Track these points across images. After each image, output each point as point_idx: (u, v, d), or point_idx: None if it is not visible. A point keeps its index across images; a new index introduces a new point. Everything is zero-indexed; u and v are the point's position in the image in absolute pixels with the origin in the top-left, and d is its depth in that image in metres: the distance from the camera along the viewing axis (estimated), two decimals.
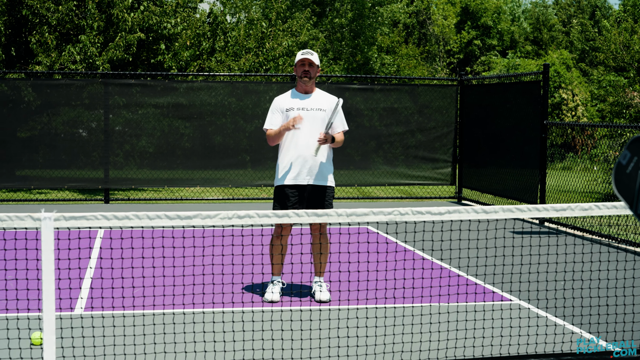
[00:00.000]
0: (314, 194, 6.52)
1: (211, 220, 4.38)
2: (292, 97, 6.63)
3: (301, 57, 6.52)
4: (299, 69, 6.56)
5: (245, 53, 17.73)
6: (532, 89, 11.95)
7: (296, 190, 6.49)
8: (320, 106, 6.56)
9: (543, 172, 11.53)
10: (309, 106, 6.53)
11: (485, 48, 43.62)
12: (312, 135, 6.44)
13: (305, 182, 6.48)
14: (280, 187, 6.52)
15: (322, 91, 6.75)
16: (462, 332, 5.40)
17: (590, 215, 4.84)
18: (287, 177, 6.49)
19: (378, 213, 4.59)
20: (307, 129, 6.46)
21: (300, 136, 6.46)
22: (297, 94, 6.64)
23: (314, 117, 6.49)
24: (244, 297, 6.43)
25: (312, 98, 6.59)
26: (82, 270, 7.27)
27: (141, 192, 14.95)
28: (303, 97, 6.60)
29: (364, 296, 6.17)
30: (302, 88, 6.61)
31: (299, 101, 6.57)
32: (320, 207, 6.43)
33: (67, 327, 5.26)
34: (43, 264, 4.22)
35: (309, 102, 6.56)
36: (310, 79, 6.54)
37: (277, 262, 6.56)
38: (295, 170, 6.47)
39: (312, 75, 6.53)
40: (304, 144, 6.44)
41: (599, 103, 29.30)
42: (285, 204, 6.46)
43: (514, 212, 4.84)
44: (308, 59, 6.51)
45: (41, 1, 14.68)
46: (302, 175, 6.47)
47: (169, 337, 5.20)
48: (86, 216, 4.34)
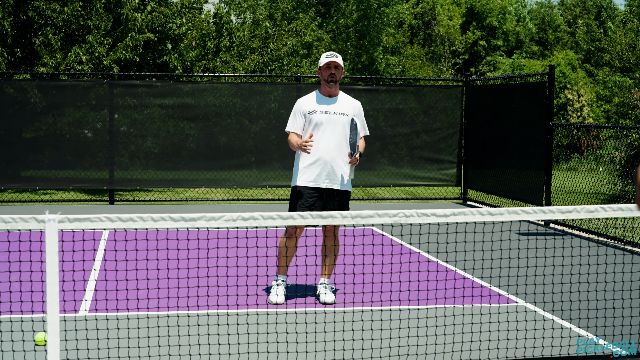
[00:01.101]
0: (332, 197, 6.52)
1: (216, 222, 4.37)
2: (316, 99, 6.61)
3: (327, 60, 6.48)
4: (325, 72, 6.52)
5: (250, 53, 17.73)
6: (538, 90, 11.92)
7: (315, 192, 6.48)
8: (343, 110, 6.55)
9: (549, 173, 11.49)
10: (333, 110, 6.53)
11: (490, 48, 43.57)
12: (333, 139, 6.44)
13: (324, 186, 6.47)
14: (299, 187, 6.52)
15: (345, 94, 6.74)
16: (467, 335, 5.37)
17: (596, 217, 4.81)
18: (306, 179, 6.48)
19: (383, 215, 4.57)
20: (329, 133, 6.46)
21: (322, 140, 6.45)
22: (321, 96, 6.62)
23: (336, 122, 6.48)
24: (249, 299, 6.41)
25: (336, 102, 6.58)
26: (86, 271, 7.26)
27: (146, 193, 14.95)
28: (327, 100, 6.58)
29: (369, 298, 6.15)
30: (327, 91, 6.59)
31: (323, 105, 6.56)
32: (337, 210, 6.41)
33: (72, 330, 5.25)
34: (47, 266, 4.21)
35: (333, 106, 6.55)
36: (336, 82, 6.53)
37: (284, 263, 6.54)
38: (315, 173, 6.45)
39: (337, 78, 6.52)
40: (325, 148, 6.44)
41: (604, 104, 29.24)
42: (303, 204, 6.44)
43: (519, 214, 4.82)
44: (335, 61, 6.48)
45: (47, 2, 14.70)
46: (322, 178, 6.46)
47: (174, 340, 5.18)
48: (90, 218, 4.33)
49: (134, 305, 5.79)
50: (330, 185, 6.46)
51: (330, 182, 6.45)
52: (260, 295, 6.63)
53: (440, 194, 15.43)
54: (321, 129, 6.46)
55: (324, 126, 6.46)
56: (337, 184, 6.47)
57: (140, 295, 6.03)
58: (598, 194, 16.28)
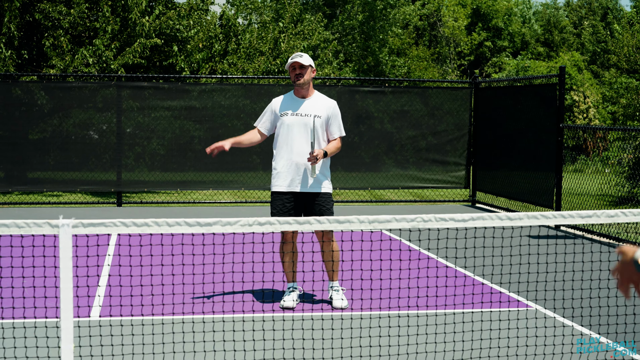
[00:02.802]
0: (310, 201, 6.39)
1: (232, 227, 4.30)
2: (288, 101, 6.54)
3: (290, 62, 6.40)
4: (291, 74, 6.45)
5: (259, 55, 17.69)
6: (548, 92, 11.85)
7: (291, 196, 6.38)
8: (315, 112, 6.42)
9: (559, 175, 11.42)
10: (303, 112, 6.42)
11: (496, 50, 43.49)
12: (305, 142, 6.34)
13: (299, 190, 6.36)
14: (275, 193, 6.43)
15: (321, 95, 6.61)
16: (486, 342, 5.31)
17: (616, 222, 4.74)
18: (282, 184, 6.39)
19: (401, 220, 4.50)
20: (300, 136, 6.35)
21: (294, 142, 6.36)
22: (293, 98, 6.54)
23: (307, 124, 6.36)
24: (262, 304, 6.35)
25: (307, 103, 6.47)
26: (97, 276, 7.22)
27: (153, 195, 14.90)
28: (298, 101, 6.49)
29: (384, 303, 6.09)
30: (298, 92, 6.51)
31: (294, 106, 6.48)
32: (318, 214, 6.28)
33: (85, 335, 5.20)
34: (61, 271, 4.15)
35: (303, 108, 6.44)
36: (303, 82, 6.42)
37: (289, 270, 6.47)
38: (289, 177, 6.36)
39: (305, 77, 6.41)
40: (297, 151, 6.34)
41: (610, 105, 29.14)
42: (281, 210, 6.34)
43: (539, 219, 4.74)
44: (297, 62, 6.37)
45: (53, 5, 14.66)
46: (296, 182, 6.36)
47: (188, 345, 5.13)
48: (105, 223, 4.27)
49: (145, 310, 5.74)
50: (304, 189, 6.34)
51: (305, 185, 6.34)
52: (274, 300, 6.56)
53: (448, 196, 15.35)
54: (292, 131, 6.37)
55: (295, 129, 6.37)
56: (313, 187, 6.35)
57: (154, 300, 5.97)
58: (605, 196, 16.20)
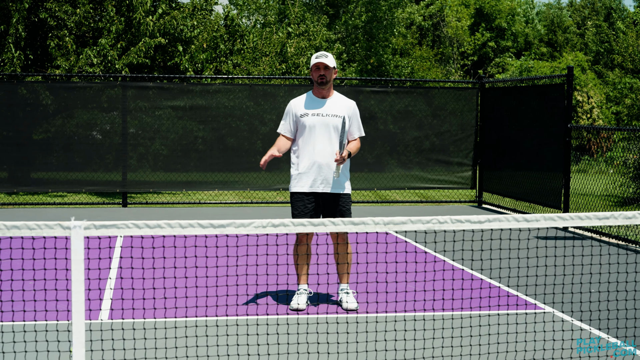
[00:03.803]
0: (330, 202, 6.39)
1: (245, 229, 4.25)
2: (307, 101, 6.47)
3: (316, 62, 6.34)
4: (315, 74, 6.39)
5: (263, 57, 17.64)
6: (554, 92, 11.79)
7: (312, 197, 6.37)
8: (336, 112, 6.39)
9: (567, 175, 11.36)
10: (324, 112, 6.38)
11: (499, 50, 43.41)
12: (327, 142, 6.32)
13: (321, 190, 6.35)
14: (296, 193, 6.41)
15: (340, 95, 6.58)
16: (503, 345, 5.25)
17: (634, 224, 4.69)
18: (303, 184, 6.37)
19: (416, 221, 4.44)
20: (322, 136, 6.33)
21: (316, 143, 6.33)
22: (313, 98, 6.49)
23: (329, 124, 6.34)
24: (276, 306, 6.30)
25: (328, 103, 6.43)
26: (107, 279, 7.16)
27: (158, 195, 14.85)
28: (319, 102, 6.44)
29: (393, 305, 6.04)
30: (319, 92, 6.46)
31: (314, 107, 6.42)
32: (337, 215, 6.28)
33: (97, 339, 5.15)
34: (73, 273, 4.10)
35: (324, 108, 6.41)
36: (327, 83, 6.38)
37: (303, 271, 6.44)
38: (311, 178, 6.34)
39: (328, 79, 6.37)
40: (320, 152, 6.32)
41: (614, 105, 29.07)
42: (303, 212, 6.33)
43: (555, 221, 4.68)
44: (322, 62, 6.32)
45: (59, 4, 14.62)
46: (317, 183, 6.35)
47: (202, 350, 5.08)
48: (117, 224, 4.21)
49: (158, 313, 5.69)
50: (326, 189, 6.33)
51: (326, 186, 6.33)
52: (282, 301, 6.51)
53: (454, 197, 15.29)
54: (314, 132, 6.34)
55: (316, 129, 6.34)
56: (335, 188, 6.35)
57: (163, 303, 5.92)
58: (610, 196, 16.14)
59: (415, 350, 5.11)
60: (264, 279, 6.86)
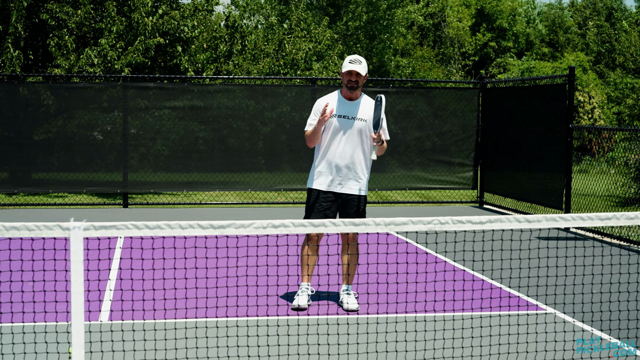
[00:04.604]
0: (346, 202, 6.48)
1: (245, 230, 4.22)
2: (336, 101, 6.51)
3: (350, 68, 6.36)
4: (346, 78, 6.43)
5: (264, 57, 17.62)
6: (556, 92, 11.76)
7: (329, 195, 6.46)
8: (362, 116, 6.46)
9: (569, 176, 11.33)
10: (351, 115, 6.45)
11: (500, 50, 43.37)
12: (349, 145, 6.40)
13: (338, 190, 6.44)
14: (314, 190, 6.50)
15: (367, 97, 6.62)
16: (504, 346, 5.22)
17: (636, 224, 4.66)
18: (321, 182, 6.48)
19: (417, 222, 4.42)
20: (344, 138, 6.41)
21: (338, 145, 6.42)
22: (341, 99, 6.53)
23: (354, 127, 6.42)
24: (276, 308, 6.28)
25: (356, 106, 6.48)
26: (106, 280, 7.15)
27: (158, 196, 14.82)
28: (347, 104, 6.49)
29: (393, 306, 6.01)
30: (347, 94, 6.50)
31: (342, 108, 6.47)
32: (353, 216, 6.36)
33: (97, 341, 5.13)
34: (72, 274, 4.08)
35: (352, 111, 6.46)
36: (357, 88, 6.44)
37: (308, 270, 6.49)
38: (330, 177, 6.45)
39: (359, 85, 6.42)
40: (340, 154, 6.41)
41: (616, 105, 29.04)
42: (318, 208, 6.42)
43: (557, 222, 4.66)
44: (356, 70, 6.36)
45: (60, 5, 14.60)
46: (335, 183, 6.44)
47: (202, 351, 5.05)
48: (116, 225, 4.19)
49: (152, 314, 5.66)
50: (344, 190, 6.42)
51: (344, 186, 6.42)
52: (282, 302, 6.49)
53: (455, 197, 15.26)
54: (338, 133, 6.41)
55: (341, 131, 6.41)
56: (351, 189, 6.43)
57: (158, 304, 5.90)
58: (612, 196, 16.11)
59: (417, 352, 5.09)
60: (264, 280, 6.84)
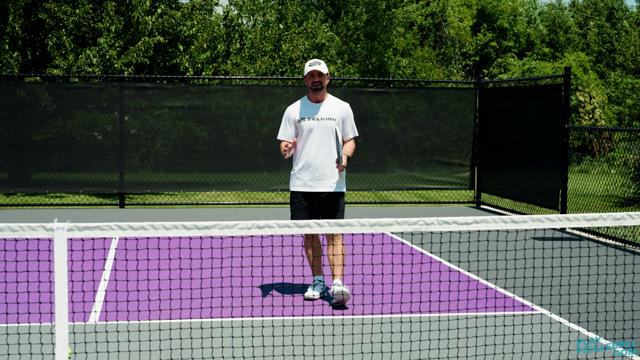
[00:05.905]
0: (325, 200, 6.73)
1: (230, 231, 4.22)
2: (303, 107, 6.84)
3: (310, 70, 6.69)
4: (309, 80, 6.76)
5: (261, 56, 17.61)
6: (553, 92, 11.74)
7: (306, 196, 6.73)
8: (330, 115, 6.75)
9: (564, 176, 11.31)
10: (320, 116, 6.76)
11: (501, 50, 43.33)
12: (321, 144, 6.69)
13: (316, 190, 6.70)
14: (293, 192, 6.81)
15: (333, 97, 6.95)
16: (490, 347, 5.21)
17: (622, 225, 4.64)
18: (299, 184, 6.78)
19: (403, 223, 4.41)
20: (318, 138, 6.71)
21: (312, 146, 6.70)
22: (308, 103, 6.86)
23: (325, 127, 6.72)
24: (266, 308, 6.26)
25: (322, 107, 6.80)
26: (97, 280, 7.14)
27: (156, 196, 14.82)
28: (314, 106, 6.81)
29: (388, 307, 5.99)
30: (313, 97, 6.82)
31: (310, 111, 6.78)
32: (332, 213, 6.64)
33: (81, 342, 5.12)
34: (56, 275, 4.07)
35: (319, 112, 6.77)
36: (321, 89, 6.75)
37: (315, 264, 6.75)
38: (306, 178, 6.73)
39: (323, 84, 6.75)
40: (314, 154, 6.70)
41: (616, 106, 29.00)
42: (298, 207, 6.73)
43: (543, 222, 4.64)
44: (316, 70, 6.67)
45: (58, 4, 14.60)
46: (311, 183, 6.71)
47: (187, 352, 5.04)
48: (101, 226, 4.18)
49: (145, 315, 5.65)
50: (319, 188, 6.69)
51: (319, 185, 6.69)
52: (275, 305, 6.48)
53: (453, 197, 15.25)
54: (310, 135, 6.72)
55: (313, 132, 6.71)
56: (326, 187, 6.69)
57: (151, 304, 5.89)
58: (611, 197, 16.07)
59: (411, 352, 5.08)
60: (259, 280, 6.83)
